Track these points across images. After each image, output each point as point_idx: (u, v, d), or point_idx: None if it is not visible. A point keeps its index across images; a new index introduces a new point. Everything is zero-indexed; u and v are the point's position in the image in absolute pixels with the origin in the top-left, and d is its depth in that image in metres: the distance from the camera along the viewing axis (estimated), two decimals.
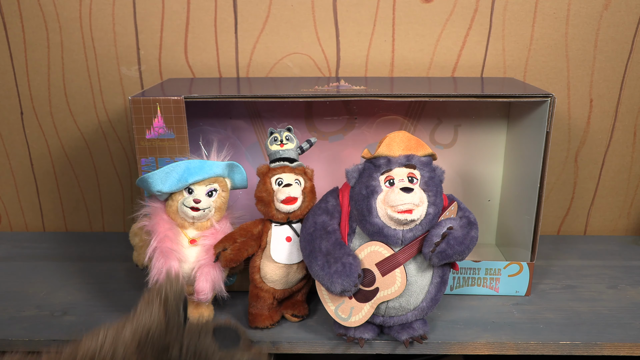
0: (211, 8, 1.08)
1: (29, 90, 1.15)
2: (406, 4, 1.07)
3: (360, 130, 1.06)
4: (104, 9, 1.08)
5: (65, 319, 0.91)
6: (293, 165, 0.86)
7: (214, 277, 0.85)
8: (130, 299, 0.97)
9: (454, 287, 0.98)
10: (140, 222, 0.87)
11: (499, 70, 1.11)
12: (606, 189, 1.21)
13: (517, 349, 0.86)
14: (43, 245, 1.19)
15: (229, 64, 1.12)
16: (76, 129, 1.18)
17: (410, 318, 0.82)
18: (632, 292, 1.00)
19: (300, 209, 0.85)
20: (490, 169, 1.08)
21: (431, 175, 0.79)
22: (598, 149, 1.17)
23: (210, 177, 0.85)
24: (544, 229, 1.24)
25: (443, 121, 1.06)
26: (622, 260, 1.12)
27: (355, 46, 1.11)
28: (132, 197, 1.23)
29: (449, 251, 0.76)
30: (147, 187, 0.84)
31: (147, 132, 0.87)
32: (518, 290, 0.98)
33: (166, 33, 1.10)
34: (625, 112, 1.14)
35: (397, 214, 0.75)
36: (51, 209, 1.26)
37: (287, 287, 0.88)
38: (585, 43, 1.09)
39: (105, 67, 1.12)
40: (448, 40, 1.09)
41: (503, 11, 1.07)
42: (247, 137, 1.07)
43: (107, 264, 1.10)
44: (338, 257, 0.77)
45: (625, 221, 1.24)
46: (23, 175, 1.23)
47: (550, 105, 0.87)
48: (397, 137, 0.80)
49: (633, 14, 1.07)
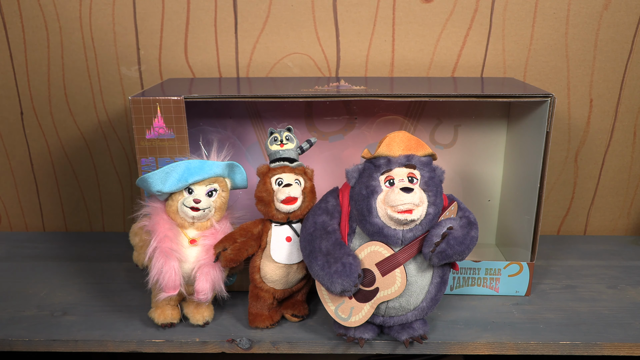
0: (211, 8, 1.08)
1: (29, 90, 1.15)
2: (406, 4, 1.07)
3: (360, 130, 1.06)
4: (104, 9, 1.08)
5: (65, 319, 0.91)
6: (293, 165, 0.86)
7: (214, 277, 0.85)
8: (130, 299, 0.97)
9: (454, 287, 0.98)
10: (140, 222, 0.87)
11: (499, 70, 1.11)
12: (606, 188, 1.21)
13: (517, 349, 0.86)
14: (43, 245, 1.19)
15: (229, 64, 1.12)
16: (76, 129, 1.18)
17: (410, 318, 0.82)
18: (632, 292, 1.00)
19: (300, 209, 0.85)
20: (490, 169, 1.08)
21: (431, 175, 0.79)
22: (598, 149, 1.17)
23: (210, 177, 0.85)
24: (544, 229, 1.24)
25: (443, 121, 1.06)
26: (622, 260, 1.12)
27: (355, 46, 1.11)
28: (132, 197, 1.23)
29: (449, 251, 0.76)
30: (147, 187, 0.84)
31: (147, 132, 0.87)
32: (518, 290, 0.98)
33: (166, 33, 1.10)
34: (625, 112, 1.14)
35: (397, 214, 0.75)
36: (51, 209, 1.26)
37: (287, 287, 0.88)
38: (585, 43, 1.09)
39: (105, 67, 1.12)
40: (448, 40, 1.09)
41: (503, 11, 1.07)
42: (247, 137, 1.07)
43: (107, 264, 1.10)
44: (338, 257, 0.77)
45: (625, 221, 1.24)
46: (23, 175, 1.23)
47: (550, 105, 0.87)
48: (397, 137, 0.80)
49: (633, 14, 1.07)
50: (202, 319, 0.88)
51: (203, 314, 0.88)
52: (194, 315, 0.88)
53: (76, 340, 0.86)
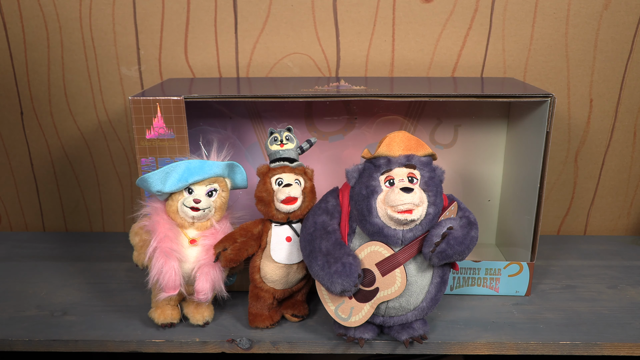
0: (211, 8, 1.08)
1: (29, 90, 1.15)
2: (406, 4, 1.07)
3: (360, 130, 1.06)
4: (104, 9, 1.08)
5: (65, 319, 0.91)
6: (293, 165, 0.86)
7: (214, 277, 0.85)
8: (130, 299, 0.97)
9: (454, 287, 0.98)
10: (140, 222, 0.87)
11: (499, 70, 1.11)
12: (606, 188, 1.21)
13: (517, 349, 0.86)
14: (43, 245, 1.19)
15: (229, 64, 1.12)
16: (76, 129, 1.18)
17: (410, 318, 0.82)
18: (632, 292, 1.00)
19: (300, 209, 0.85)
20: (490, 169, 1.08)
21: (431, 175, 0.79)
22: (598, 149, 1.17)
23: (210, 177, 0.85)
24: (544, 229, 1.24)
25: (443, 121, 1.06)
26: (622, 260, 1.12)
27: (355, 46, 1.11)
28: (132, 197, 1.23)
29: (449, 251, 0.76)
30: (147, 187, 0.84)
31: (147, 132, 0.87)
32: (518, 290, 0.98)
33: (166, 33, 1.10)
34: (625, 112, 1.14)
35: (397, 214, 0.75)
36: (51, 209, 1.26)
37: (287, 287, 0.88)
38: (585, 43, 1.09)
39: (105, 67, 1.12)
40: (448, 40, 1.09)
41: (503, 11, 1.07)
42: (247, 137, 1.07)
43: (107, 264, 1.10)
44: (338, 257, 0.77)
45: (625, 221, 1.24)
46: (23, 175, 1.23)
47: (550, 105, 0.87)
48: (397, 137, 0.80)
49: (633, 14, 1.07)
50: (202, 319, 0.88)
51: (203, 314, 0.88)
52: (194, 315, 0.88)
53: (76, 340, 0.86)
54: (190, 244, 0.85)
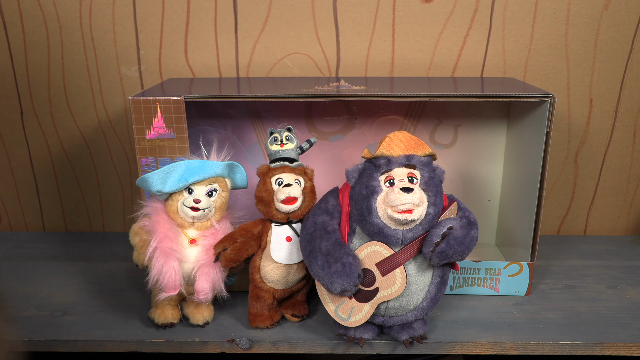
0: (211, 8, 1.08)
1: (29, 90, 1.14)
2: (406, 4, 1.07)
3: (360, 130, 1.06)
4: (104, 9, 1.08)
5: (65, 319, 0.91)
6: (293, 165, 0.86)
7: (214, 277, 0.85)
8: (130, 299, 0.97)
9: (454, 287, 0.98)
10: (140, 222, 0.87)
11: (499, 70, 1.11)
12: (606, 188, 1.21)
13: (517, 349, 0.86)
14: (43, 245, 1.19)
15: (229, 64, 1.12)
16: (76, 129, 1.18)
17: (410, 318, 0.82)
18: (632, 292, 1.00)
19: (300, 209, 0.85)
20: (490, 169, 1.08)
21: (431, 175, 0.79)
22: (598, 148, 1.17)
23: (210, 177, 0.85)
24: (544, 229, 1.24)
25: (443, 121, 1.06)
26: (622, 260, 1.12)
27: (355, 46, 1.11)
28: (132, 197, 1.23)
29: (449, 251, 0.76)
30: (147, 187, 0.84)
31: (147, 132, 0.87)
32: (518, 290, 0.98)
33: (166, 33, 1.10)
34: (625, 112, 1.14)
35: (397, 214, 0.75)
36: (51, 209, 1.26)
37: (287, 287, 0.88)
38: (585, 43, 1.09)
39: (105, 67, 1.12)
40: (448, 40, 1.09)
41: (503, 11, 1.07)
42: (247, 137, 1.07)
43: (107, 264, 1.10)
44: (338, 257, 0.77)
45: (625, 221, 1.24)
46: (23, 175, 1.23)
47: (550, 105, 0.87)
48: (397, 137, 0.80)
49: (633, 14, 1.07)
50: (202, 319, 0.88)
51: (203, 314, 0.88)
52: (194, 315, 0.88)
53: (76, 340, 0.86)
54: (190, 244, 0.85)
